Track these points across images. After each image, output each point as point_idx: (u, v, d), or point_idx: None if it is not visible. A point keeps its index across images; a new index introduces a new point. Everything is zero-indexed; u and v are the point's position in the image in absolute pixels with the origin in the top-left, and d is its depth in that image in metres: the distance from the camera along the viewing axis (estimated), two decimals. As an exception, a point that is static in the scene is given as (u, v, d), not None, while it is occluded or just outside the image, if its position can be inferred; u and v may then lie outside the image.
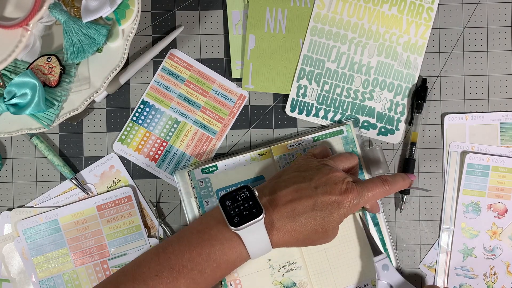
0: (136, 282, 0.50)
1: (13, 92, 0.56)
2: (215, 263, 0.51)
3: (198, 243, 0.52)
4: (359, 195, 0.53)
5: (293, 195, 0.53)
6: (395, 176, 0.57)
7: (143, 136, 0.65)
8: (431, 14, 0.65)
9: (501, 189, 0.64)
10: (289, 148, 0.63)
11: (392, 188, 0.55)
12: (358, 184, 0.54)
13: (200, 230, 0.53)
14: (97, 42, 0.56)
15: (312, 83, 0.65)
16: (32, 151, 0.65)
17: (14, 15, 0.53)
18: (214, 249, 0.51)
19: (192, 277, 0.51)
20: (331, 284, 0.62)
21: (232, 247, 0.52)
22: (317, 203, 0.52)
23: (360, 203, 0.53)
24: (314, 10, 0.65)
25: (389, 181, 0.55)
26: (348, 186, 0.53)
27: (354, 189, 0.53)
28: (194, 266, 0.51)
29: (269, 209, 0.52)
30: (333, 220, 0.53)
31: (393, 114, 0.65)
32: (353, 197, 0.53)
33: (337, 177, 0.54)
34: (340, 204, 0.52)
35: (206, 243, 0.52)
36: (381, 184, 0.55)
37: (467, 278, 0.64)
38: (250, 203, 0.51)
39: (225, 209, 0.52)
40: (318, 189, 0.53)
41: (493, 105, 0.66)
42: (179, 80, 0.65)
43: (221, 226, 0.52)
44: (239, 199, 0.52)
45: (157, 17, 0.65)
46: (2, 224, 0.64)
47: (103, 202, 0.64)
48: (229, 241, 0.52)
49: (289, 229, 0.52)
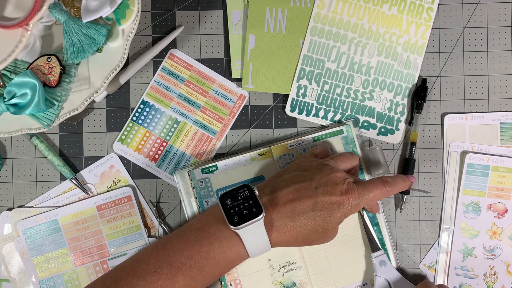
0: (135, 278, 0.50)
1: (13, 92, 0.56)
2: (213, 261, 0.51)
3: (197, 241, 0.52)
4: (360, 196, 0.53)
5: (293, 194, 0.53)
6: (395, 178, 0.57)
7: (143, 136, 0.65)
8: (431, 14, 0.65)
9: (501, 189, 0.64)
10: (289, 148, 0.63)
11: (392, 190, 0.55)
12: (358, 184, 0.54)
13: (199, 228, 0.53)
14: (97, 42, 0.56)
15: (312, 83, 0.65)
16: (32, 151, 0.65)
17: (14, 15, 0.53)
18: (213, 247, 0.51)
19: (191, 275, 0.51)
20: (331, 284, 0.62)
21: (231, 246, 0.52)
22: (318, 203, 0.52)
23: (360, 203, 0.53)
24: (314, 10, 0.65)
25: (389, 182, 0.55)
26: (349, 187, 0.53)
27: (355, 190, 0.53)
28: (193, 263, 0.51)
29: (269, 209, 0.52)
30: (333, 220, 0.53)
31: (393, 114, 0.65)
32: (353, 198, 0.53)
33: (338, 178, 0.54)
34: (340, 204, 0.52)
35: (205, 241, 0.52)
36: (381, 185, 0.55)
37: (467, 278, 0.64)
38: (250, 202, 0.51)
39: (225, 207, 0.52)
40: (319, 189, 0.53)
41: (493, 105, 0.66)
42: (179, 80, 0.65)
43: (220, 224, 0.52)
44: (239, 198, 0.52)
45: (157, 17, 0.66)
46: (2, 224, 0.64)
47: (103, 202, 0.64)
48: (228, 240, 0.52)
49: (288, 229, 0.52)
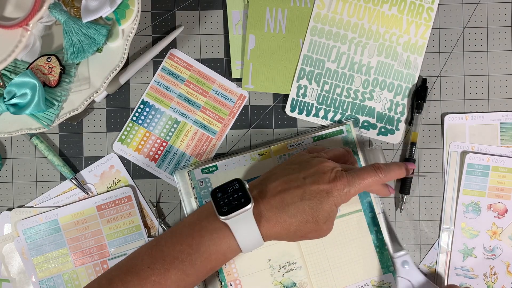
0: (129, 275, 0.51)
1: (13, 92, 0.56)
2: (205, 254, 0.52)
3: (189, 234, 0.52)
4: (349, 183, 0.53)
5: (282, 186, 0.53)
6: (389, 164, 0.56)
7: (143, 136, 0.65)
8: (431, 14, 0.65)
9: (501, 189, 0.64)
10: (289, 148, 0.63)
11: (387, 176, 0.55)
12: (349, 172, 0.54)
13: (191, 222, 0.54)
14: (97, 42, 0.56)
15: (312, 83, 0.65)
16: (32, 151, 0.65)
17: (14, 15, 0.53)
18: (204, 240, 0.52)
19: (183, 269, 0.51)
20: (331, 284, 0.62)
21: (221, 237, 0.52)
22: (306, 193, 0.52)
23: (351, 191, 0.53)
24: (314, 10, 0.65)
25: (382, 169, 0.55)
26: (337, 175, 0.53)
27: (343, 177, 0.53)
28: (185, 257, 0.51)
29: (258, 200, 0.53)
30: (323, 209, 0.52)
31: (393, 114, 0.65)
32: (342, 185, 0.53)
33: (326, 167, 0.54)
34: (329, 192, 0.52)
35: (197, 234, 0.52)
36: (373, 172, 0.54)
37: (467, 278, 0.64)
38: (240, 194, 0.52)
39: (215, 200, 0.52)
40: (307, 179, 0.53)
41: (493, 105, 0.66)
42: (179, 80, 0.65)
43: (212, 217, 0.53)
44: (229, 190, 0.53)
45: (157, 17, 0.65)
46: (2, 224, 0.64)
47: (103, 202, 0.64)
48: (219, 231, 0.52)
49: (278, 220, 0.52)
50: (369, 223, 0.63)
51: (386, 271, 0.63)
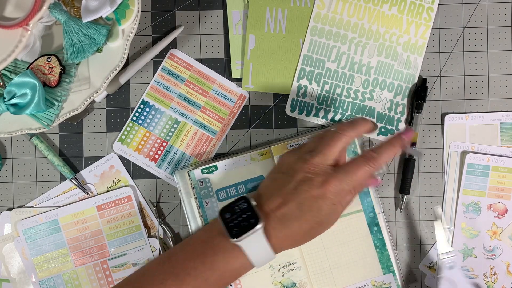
0: None
1: (13, 92, 0.56)
2: (218, 271, 0.51)
3: (202, 251, 0.52)
4: (342, 182, 0.52)
5: (278, 200, 0.52)
6: (380, 149, 0.54)
7: (143, 136, 0.65)
8: (431, 14, 0.65)
9: (501, 189, 0.64)
10: (289, 148, 0.63)
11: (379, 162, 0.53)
12: (338, 170, 0.52)
13: (203, 240, 0.53)
14: (97, 42, 0.56)
15: (312, 83, 0.65)
16: (32, 151, 0.65)
17: (14, 15, 0.53)
18: (217, 258, 0.52)
19: (196, 285, 0.51)
20: (331, 284, 0.62)
21: (235, 257, 0.52)
22: (302, 204, 0.52)
23: (345, 188, 0.52)
24: (314, 10, 0.65)
25: (373, 158, 0.53)
26: (327, 177, 0.52)
27: (334, 177, 0.52)
28: (198, 274, 0.51)
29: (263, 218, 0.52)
30: (325, 213, 0.52)
31: (393, 114, 0.65)
32: (334, 186, 0.51)
33: (313, 170, 0.52)
34: (323, 197, 0.51)
35: (210, 252, 0.52)
36: (364, 164, 0.52)
37: (467, 278, 0.64)
38: (248, 213, 0.51)
39: (225, 221, 0.52)
40: (298, 188, 0.52)
41: (493, 105, 0.66)
42: (179, 80, 0.65)
43: (223, 237, 0.52)
44: (237, 210, 0.52)
45: (157, 17, 0.65)
46: (2, 224, 0.64)
47: (103, 202, 0.64)
48: (232, 251, 0.52)
49: (286, 235, 0.52)
50: (369, 223, 0.63)
51: (386, 271, 0.63)
